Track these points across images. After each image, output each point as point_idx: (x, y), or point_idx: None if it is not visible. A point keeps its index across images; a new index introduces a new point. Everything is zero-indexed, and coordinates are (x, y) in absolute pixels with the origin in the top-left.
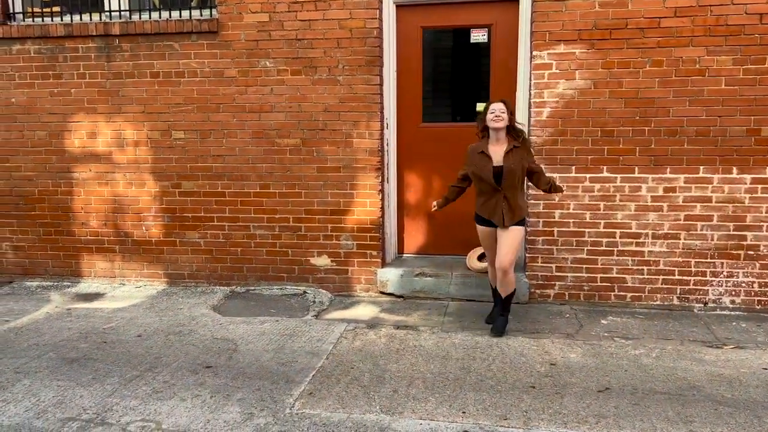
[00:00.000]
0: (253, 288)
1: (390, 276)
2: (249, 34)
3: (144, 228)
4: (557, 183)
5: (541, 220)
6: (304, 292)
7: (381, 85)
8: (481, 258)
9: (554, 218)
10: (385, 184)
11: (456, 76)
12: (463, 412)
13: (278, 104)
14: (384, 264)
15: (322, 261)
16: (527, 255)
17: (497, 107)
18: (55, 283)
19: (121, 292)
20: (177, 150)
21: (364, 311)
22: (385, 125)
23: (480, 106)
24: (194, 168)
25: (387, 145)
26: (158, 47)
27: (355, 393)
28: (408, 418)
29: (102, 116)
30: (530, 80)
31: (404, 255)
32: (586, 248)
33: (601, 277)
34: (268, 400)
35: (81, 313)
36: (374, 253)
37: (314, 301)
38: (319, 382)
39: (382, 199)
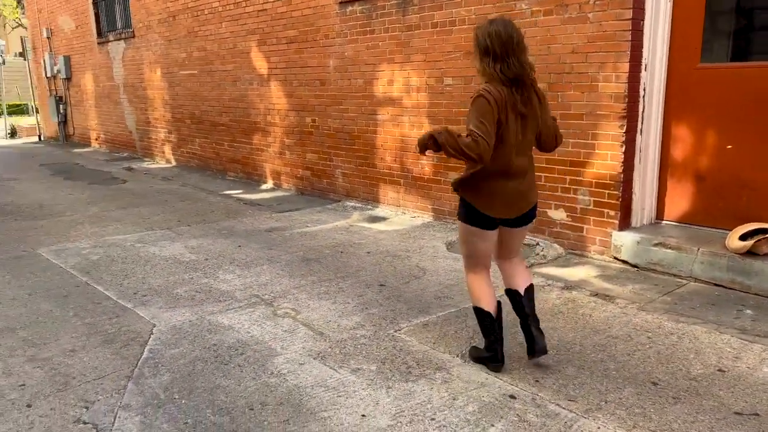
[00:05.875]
0: None
1: (624, 241)
2: None
3: (420, 166)
4: None
5: None
6: (537, 243)
7: (639, 20)
8: (744, 237)
9: None
10: (638, 137)
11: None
12: (537, 381)
13: (529, 47)
14: (626, 227)
15: (558, 215)
16: None
17: None
18: (362, 206)
19: (398, 219)
20: (446, 95)
21: (578, 272)
22: (642, 67)
23: None
24: (458, 113)
25: (644, 90)
26: None
27: (462, 337)
28: (483, 371)
29: (397, 65)
30: None
31: (663, 221)
32: None
33: None
34: (388, 319)
35: (355, 230)
36: (611, 212)
37: (538, 254)
38: (444, 319)
39: (626, 153)
